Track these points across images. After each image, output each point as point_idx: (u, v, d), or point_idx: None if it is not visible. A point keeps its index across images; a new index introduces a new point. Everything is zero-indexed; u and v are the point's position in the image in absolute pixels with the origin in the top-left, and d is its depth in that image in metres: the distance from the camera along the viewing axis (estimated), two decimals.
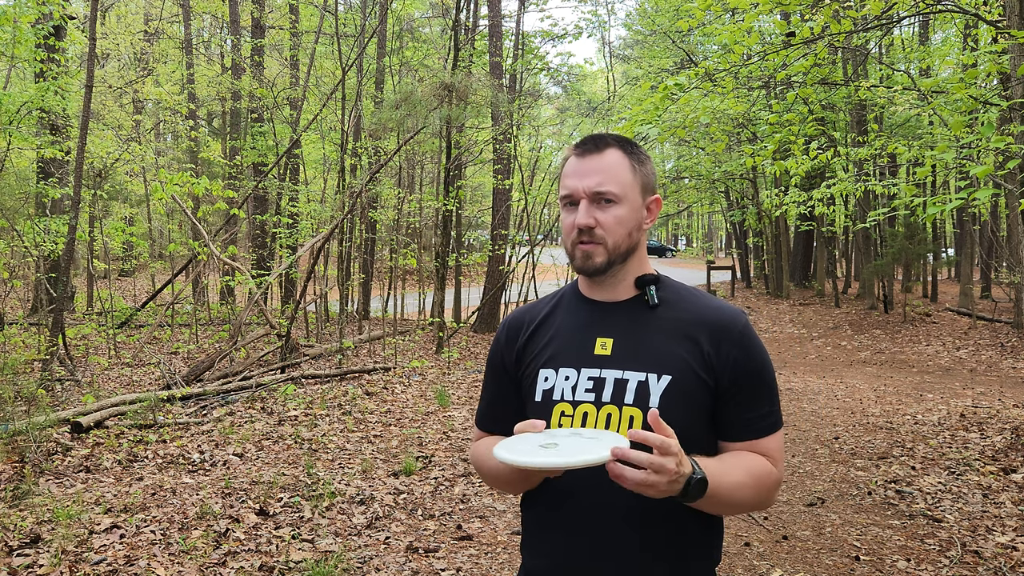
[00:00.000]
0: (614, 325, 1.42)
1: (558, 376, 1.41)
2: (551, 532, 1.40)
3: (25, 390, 6.27)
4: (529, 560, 1.46)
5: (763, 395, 1.38)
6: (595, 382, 1.37)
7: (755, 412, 1.37)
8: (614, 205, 1.39)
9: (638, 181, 1.42)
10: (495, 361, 1.56)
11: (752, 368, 1.37)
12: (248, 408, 7.12)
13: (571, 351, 1.43)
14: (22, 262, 14.03)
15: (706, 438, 1.38)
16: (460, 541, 4.13)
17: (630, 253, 1.42)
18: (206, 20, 25.74)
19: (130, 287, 20.44)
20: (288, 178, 15.62)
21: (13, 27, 8.46)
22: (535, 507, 1.45)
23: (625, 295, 1.45)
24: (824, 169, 10.75)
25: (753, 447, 1.37)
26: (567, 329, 1.47)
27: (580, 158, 1.42)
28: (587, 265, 1.40)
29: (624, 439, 1.17)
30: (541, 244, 14.89)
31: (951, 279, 25.64)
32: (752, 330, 1.40)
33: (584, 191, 1.39)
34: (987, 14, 6.74)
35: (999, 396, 8.66)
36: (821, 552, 4.04)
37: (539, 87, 23.48)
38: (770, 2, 5.38)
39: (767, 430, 1.38)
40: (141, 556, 3.66)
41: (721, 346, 1.36)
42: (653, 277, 1.44)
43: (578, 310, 1.48)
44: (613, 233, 1.39)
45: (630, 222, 1.40)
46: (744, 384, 1.36)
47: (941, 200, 4.60)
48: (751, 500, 1.33)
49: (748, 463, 1.34)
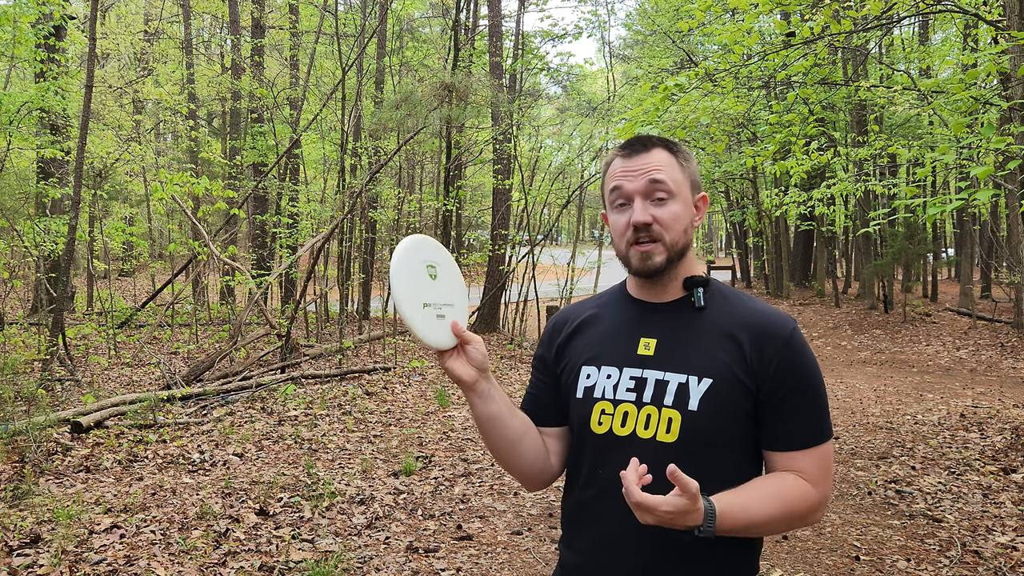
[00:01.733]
0: (659, 326, 1.41)
1: (600, 374, 1.41)
2: (586, 529, 1.41)
3: (25, 390, 6.28)
4: (565, 553, 1.47)
5: (806, 405, 1.33)
6: (636, 382, 1.37)
7: (795, 422, 1.33)
8: (669, 201, 1.37)
9: (687, 178, 1.41)
10: (538, 356, 1.58)
11: (795, 376, 1.33)
12: (248, 408, 7.12)
13: (615, 350, 1.42)
14: (22, 262, 14.03)
15: (745, 444, 1.36)
16: (460, 541, 4.13)
17: (685, 251, 1.41)
18: (206, 20, 25.74)
19: (130, 287, 20.44)
20: (288, 178, 15.62)
21: (13, 27, 8.46)
22: (571, 503, 1.46)
23: (673, 296, 1.44)
24: (824, 169, 10.74)
25: (793, 459, 1.33)
26: (612, 328, 1.46)
27: (627, 158, 1.40)
28: (647, 266, 1.37)
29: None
30: (541, 244, 14.88)
31: (951, 279, 25.64)
32: (800, 337, 1.36)
33: (638, 189, 1.37)
34: (987, 14, 6.74)
35: (999, 396, 8.66)
36: (821, 552, 4.04)
37: (539, 87, 23.49)
38: (770, 2, 5.38)
39: (808, 443, 1.33)
40: (141, 556, 3.66)
41: (764, 352, 1.33)
42: (703, 279, 1.43)
43: (624, 309, 1.48)
44: (671, 229, 1.37)
45: (685, 219, 1.39)
46: (785, 392, 1.32)
47: (941, 201, 4.60)
48: (781, 526, 1.31)
49: (777, 490, 1.30)
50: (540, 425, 1.54)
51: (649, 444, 1.32)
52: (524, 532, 4.29)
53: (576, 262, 14.36)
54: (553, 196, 17.84)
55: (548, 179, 16.71)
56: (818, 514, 1.34)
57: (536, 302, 13.99)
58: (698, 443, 1.31)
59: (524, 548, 4.07)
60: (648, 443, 1.33)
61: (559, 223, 34.25)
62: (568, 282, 14.21)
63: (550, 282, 16.35)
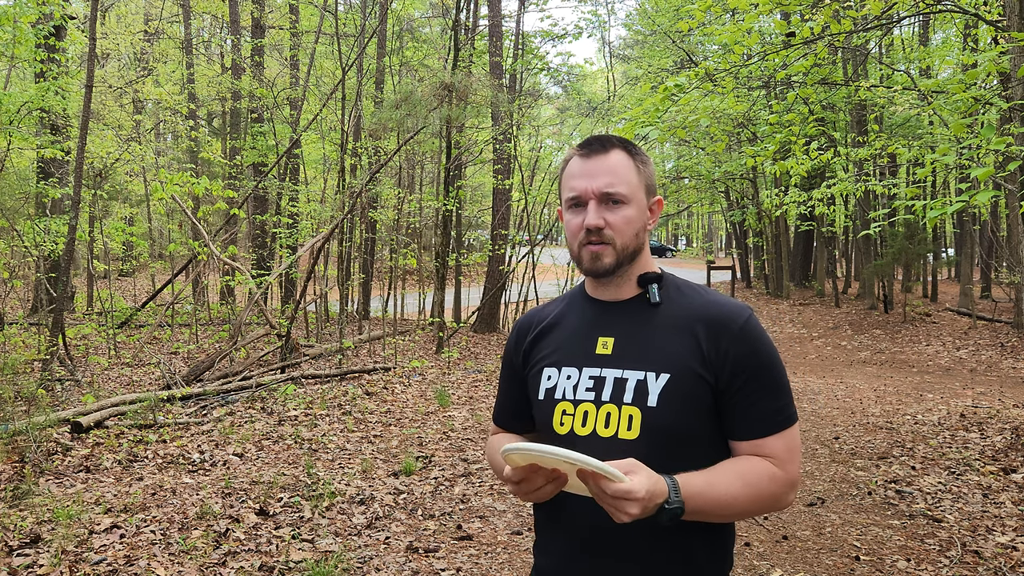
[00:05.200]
0: (615, 324, 1.42)
1: (560, 375, 1.42)
2: (558, 532, 1.41)
3: (25, 390, 6.27)
4: (539, 559, 1.48)
5: (767, 392, 1.34)
6: (595, 381, 1.38)
7: (758, 409, 1.33)
8: (623, 206, 1.38)
9: (642, 182, 1.42)
10: (507, 361, 1.59)
11: (753, 364, 1.33)
12: (248, 408, 7.12)
13: (574, 351, 1.43)
14: (22, 262, 14.02)
15: (709, 436, 1.36)
16: (460, 541, 4.13)
17: (636, 254, 1.42)
18: (206, 20, 25.74)
19: (130, 287, 20.44)
20: (288, 178, 15.62)
21: (13, 27, 8.46)
22: (543, 507, 1.45)
23: (628, 294, 1.45)
24: (824, 169, 10.75)
25: (758, 447, 1.34)
26: (572, 329, 1.48)
27: (585, 159, 1.41)
28: (596, 267, 1.40)
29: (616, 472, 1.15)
30: (541, 244, 14.89)
31: (951, 279, 25.64)
32: (755, 325, 1.37)
33: (593, 192, 1.38)
34: (987, 14, 6.74)
35: (999, 396, 8.66)
36: (821, 552, 4.04)
37: (539, 87, 23.46)
38: (770, 2, 5.38)
39: (773, 428, 1.33)
40: (141, 556, 3.66)
41: (720, 342, 1.34)
42: (655, 275, 1.44)
43: (583, 310, 1.49)
44: (622, 234, 1.38)
45: (637, 223, 1.41)
46: (745, 380, 1.33)
47: (942, 203, 4.60)
48: (749, 507, 1.31)
49: (743, 469, 1.31)
50: (516, 433, 1.57)
51: (611, 442, 1.33)
52: (524, 532, 4.29)
53: None
54: (553, 196, 17.82)
55: (548, 179, 16.71)
56: (790, 496, 1.34)
57: (536, 302, 14.00)
58: (660, 439, 1.31)
59: (524, 548, 4.07)
60: (609, 441, 1.33)
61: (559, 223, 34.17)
62: (568, 282, 14.22)
63: (550, 282, 16.36)
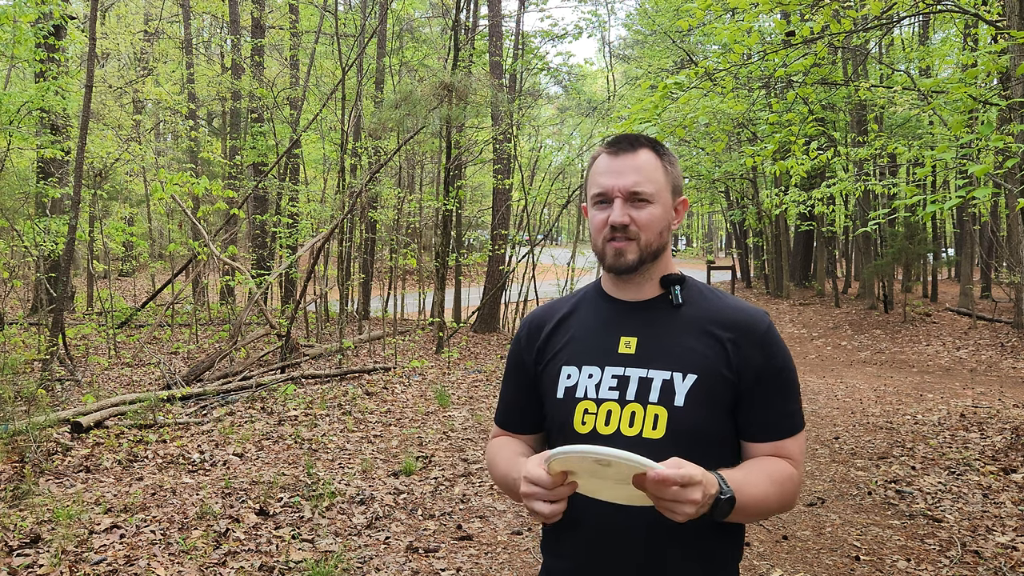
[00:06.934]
0: (638, 324, 1.43)
1: (581, 374, 1.42)
2: (571, 532, 1.40)
3: (25, 390, 6.27)
4: (549, 560, 1.47)
5: (786, 396, 1.38)
6: (619, 380, 1.38)
7: (777, 412, 1.37)
8: (649, 204, 1.40)
9: (669, 182, 1.44)
10: (515, 359, 1.57)
11: (774, 369, 1.37)
12: (248, 408, 7.12)
13: (595, 349, 1.43)
14: (22, 262, 14.02)
15: (730, 438, 1.38)
16: (460, 541, 4.13)
17: (659, 253, 1.43)
18: (206, 20, 25.74)
19: (130, 287, 20.44)
20: (288, 178, 15.61)
21: (13, 27, 8.46)
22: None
23: (650, 294, 1.45)
24: (824, 169, 10.75)
25: (777, 449, 1.37)
26: (590, 327, 1.47)
27: (614, 157, 1.42)
28: (619, 263, 1.40)
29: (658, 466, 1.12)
30: (541, 244, 14.89)
31: (951, 279, 25.63)
32: (775, 331, 1.40)
33: (620, 189, 1.39)
34: (987, 14, 6.73)
35: (999, 396, 8.66)
36: (821, 552, 4.04)
37: (539, 87, 23.47)
38: (770, 2, 5.38)
39: (789, 431, 1.38)
40: (141, 556, 3.66)
41: (743, 347, 1.36)
42: (678, 277, 1.45)
43: (601, 309, 1.49)
44: (647, 231, 1.40)
45: (662, 222, 1.42)
46: (766, 385, 1.36)
47: (940, 198, 4.60)
48: (775, 506, 1.34)
49: (770, 469, 1.34)
50: (522, 434, 1.55)
51: (635, 442, 1.33)
52: (524, 532, 4.29)
53: (576, 262, 14.37)
54: (553, 196, 17.85)
55: (548, 179, 16.72)
56: (798, 493, 1.40)
57: (536, 302, 13.99)
58: (684, 438, 1.32)
59: (524, 548, 4.07)
60: (634, 441, 1.33)
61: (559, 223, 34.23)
62: (568, 282, 14.22)
63: (550, 282, 16.35)
